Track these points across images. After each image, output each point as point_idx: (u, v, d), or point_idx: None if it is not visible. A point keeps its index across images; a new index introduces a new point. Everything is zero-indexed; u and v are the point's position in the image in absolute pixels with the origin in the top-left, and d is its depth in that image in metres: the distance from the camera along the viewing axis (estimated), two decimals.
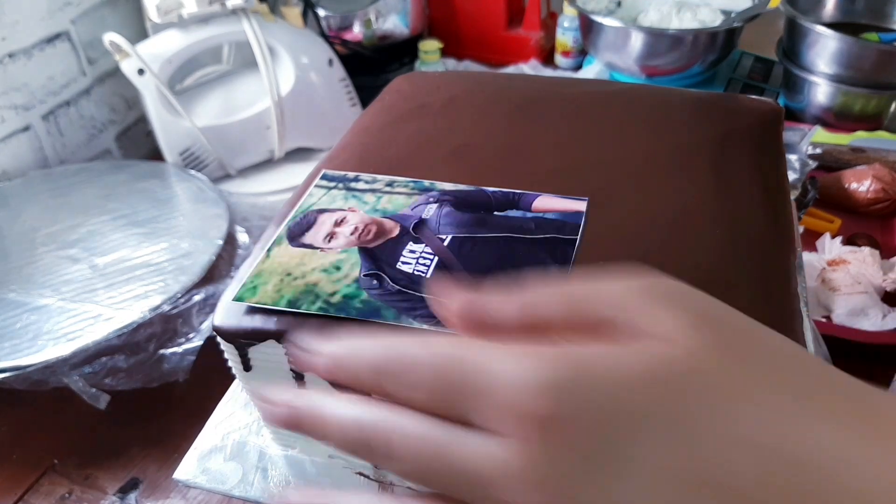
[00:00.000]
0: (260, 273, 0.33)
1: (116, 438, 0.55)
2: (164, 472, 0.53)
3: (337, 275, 0.33)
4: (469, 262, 0.33)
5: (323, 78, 0.83)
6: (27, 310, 0.57)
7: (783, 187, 0.38)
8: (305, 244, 0.35)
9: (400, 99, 0.48)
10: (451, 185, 0.38)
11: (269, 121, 0.80)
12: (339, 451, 0.25)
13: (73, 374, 0.53)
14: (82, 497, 0.51)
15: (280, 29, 0.81)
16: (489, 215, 0.36)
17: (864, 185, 0.74)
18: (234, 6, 0.77)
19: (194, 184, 0.74)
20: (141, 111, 0.91)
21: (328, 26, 0.97)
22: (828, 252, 0.67)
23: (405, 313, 0.31)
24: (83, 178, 0.76)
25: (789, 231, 0.35)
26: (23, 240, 0.66)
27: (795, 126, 0.85)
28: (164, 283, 0.59)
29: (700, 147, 0.40)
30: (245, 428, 0.40)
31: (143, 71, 0.75)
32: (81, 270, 0.61)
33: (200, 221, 0.67)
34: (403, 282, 0.32)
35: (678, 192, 0.37)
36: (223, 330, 0.32)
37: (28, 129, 0.79)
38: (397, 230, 0.35)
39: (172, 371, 0.55)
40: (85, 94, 0.85)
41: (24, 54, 0.77)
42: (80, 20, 0.83)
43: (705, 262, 0.32)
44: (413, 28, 1.01)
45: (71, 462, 0.54)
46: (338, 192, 0.39)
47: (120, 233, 0.66)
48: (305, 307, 0.31)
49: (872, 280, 0.62)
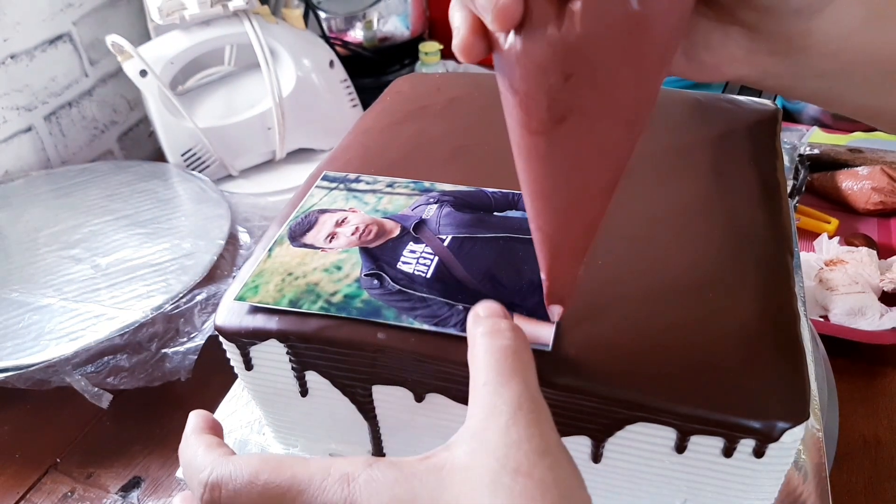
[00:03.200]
0: (261, 273, 0.34)
1: (118, 437, 0.56)
2: (166, 471, 0.53)
3: (338, 274, 0.33)
4: (469, 262, 0.33)
5: (324, 79, 0.83)
6: (30, 309, 0.58)
7: (780, 187, 0.38)
8: (307, 244, 0.35)
9: (401, 100, 0.48)
10: (452, 186, 0.39)
11: (270, 122, 0.81)
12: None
13: (76, 374, 0.53)
14: (84, 496, 0.51)
15: (281, 30, 0.81)
16: (489, 216, 0.36)
17: (862, 185, 0.74)
18: (235, 8, 0.78)
19: (196, 184, 0.74)
20: (143, 112, 0.91)
21: (329, 28, 0.97)
22: (825, 252, 0.67)
23: (405, 313, 0.31)
24: (85, 178, 0.76)
25: (787, 231, 0.35)
26: (25, 240, 0.66)
27: (793, 127, 0.85)
28: (166, 283, 0.59)
29: (697, 148, 0.40)
30: (247, 426, 0.40)
31: (145, 72, 0.75)
32: (84, 270, 0.62)
33: (202, 221, 0.67)
34: (404, 281, 0.33)
35: (676, 192, 0.37)
36: (225, 329, 0.32)
37: (30, 129, 0.79)
38: (398, 230, 0.36)
39: (174, 370, 0.55)
40: (87, 95, 0.86)
41: (26, 55, 0.77)
42: (82, 21, 0.83)
43: (703, 262, 0.33)
44: (414, 30, 1.01)
45: (73, 461, 0.54)
46: (339, 193, 0.39)
47: (122, 233, 0.66)
48: (307, 307, 0.31)
49: (870, 280, 0.62)
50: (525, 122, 0.22)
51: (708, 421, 0.27)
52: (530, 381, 0.24)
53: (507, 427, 0.22)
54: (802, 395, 0.27)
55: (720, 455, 0.28)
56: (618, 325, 0.30)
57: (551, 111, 0.21)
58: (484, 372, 0.24)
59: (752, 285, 0.31)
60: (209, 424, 0.29)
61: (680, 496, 0.32)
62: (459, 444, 0.23)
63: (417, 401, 0.32)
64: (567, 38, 0.19)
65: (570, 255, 0.26)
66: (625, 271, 0.32)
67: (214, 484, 0.24)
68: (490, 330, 0.25)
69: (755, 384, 0.27)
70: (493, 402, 0.23)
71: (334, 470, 0.23)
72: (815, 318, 0.61)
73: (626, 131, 0.22)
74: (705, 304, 0.30)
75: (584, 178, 0.23)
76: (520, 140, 0.23)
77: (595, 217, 0.25)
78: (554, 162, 0.23)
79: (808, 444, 0.35)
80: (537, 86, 0.21)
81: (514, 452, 0.21)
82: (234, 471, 0.24)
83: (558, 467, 0.21)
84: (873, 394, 0.56)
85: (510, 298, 0.31)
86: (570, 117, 0.21)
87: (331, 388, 0.33)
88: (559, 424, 0.30)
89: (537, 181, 0.24)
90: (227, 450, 0.26)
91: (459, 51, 0.22)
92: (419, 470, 0.22)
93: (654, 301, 0.31)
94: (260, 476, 0.24)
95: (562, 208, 0.24)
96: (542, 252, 0.26)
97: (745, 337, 0.29)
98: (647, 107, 0.21)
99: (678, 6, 0.19)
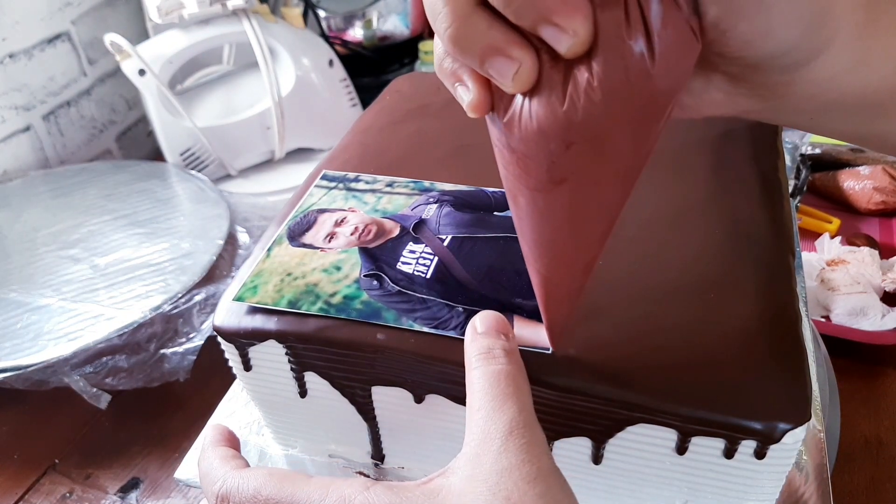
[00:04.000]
0: (260, 273, 0.34)
1: (117, 438, 0.55)
2: (164, 472, 0.53)
3: (337, 275, 0.33)
4: (469, 262, 0.33)
5: (323, 78, 0.83)
6: (28, 310, 0.58)
7: (782, 187, 0.38)
8: (306, 244, 0.35)
9: (400, 99, 0.48)
10: (451, 186, 0.38)
11: (269, 121, 0.80)
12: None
13: (74, 374, 0.53)
14: (83, 496, 0.51)
15: (281, 29, 0.81)
16: (489, 215, 0.36)
17: (864, 185, 0.74)
18: (234, 7, 0.77)
19: (195, 184, 0.74)
20: (141, 111, 0.91)
21: (329, 27, 0.97)
22: (827, 252, 0.67)
23: (405, 315, 0.31)
24: (84, 178, 0.76)
25: (788, 231, 0.35)
26: (24, 240, 0.66)
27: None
28: (164, 283, 0.59)
29: (698, 147, 0.40)
30: (246, 427, 0.40)
31: (143, 71, 0.75)
32: (82, 270, 0.62)
33: (201, 221, 0.67)
34: (403, 282, 0.32)
35: (676, 192, 0.37)
36: (224, 330, 0.32)
37: (29, 129, 0.79)
38: (397, 230, 0.36)
39: (173, 371, 0.55)
40: (85, 95, 0.86)
41: (24, 55, 0.77)
42: (81, 20, 0.83)
43: (704, 262, 0.33)
44: (413, 29, 1.01)
45: (72, 461, 0.54)
46: (338, 193, 0.39)
47: (121, 233, 0.66)
48: (306, 308, 0.31)
49: (871, 280, 0.62)
50: (522, 178, 0.22)
51: (709, 422, 0.27)
52: (524, 404, 0.24)
53: (498, 453, 0.22)
54: (804, 396, 0.27)
55: (721, 456, 0.28)
56: (618, 325, 0.30)
57: (551, 174, 0.21)
58: (479, 397, 0.24)
59: (754, 285, 0.31)
60: (225, 437, 0.30)
61: (681, 497, 0.31)
62: (456, 470, 0.23)
63: (417, 402, 0.32)
64: (574, 110, 0.19)
65: (567, 294, 0.27)
66: (625, 271, 0.32)
67: (224, 495, 0.26)
68: (485, 353, 0.26)
69: (756, 385, 0.27)
70: (486, 427, 0.23)
71: (332, 490, 0.24)
72: (816, 318, 0.61)
73: (624, 185, 0.22)
74: (706, 305, 0.30)
75: (581, 229, 0.23)
76: (516, 192, 0.23)
77: (591, 259, 0.25)
78: (551, 215, 0.23)
79: (810, 445, 0.35)
80: (538, 149, 0.20)
81: (505, 480, 0.22)
82: (241, 483, 0.26)
83: (548, 494, 0.22)
84: (875, 394, 0.56)
85: (510, 299, 0.31)
86: (569, 179, 0.21)
87: (330, 389, 0.33)
88: (560, 426, 0.30)
89: (534, 230, 0.24)
90: (240, 462, 0.28)
91: (475, 109, 0.21)
92: (415, 495, 0.23)
93: (654, 302, 0.31)
94: (262, 491, 0.25)
95: (559, 254, 0.24)
96: (540, 291, 0.27)
97: (746, 337, 0.29)
98: (644, 162, 0.21)
99: (686, 70, 0.19)
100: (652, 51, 0.18)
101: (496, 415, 0.23)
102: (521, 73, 0.19)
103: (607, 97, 0.18)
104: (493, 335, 0.26)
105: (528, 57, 0.19)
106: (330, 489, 0.24)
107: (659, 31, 0.18)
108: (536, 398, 0.26)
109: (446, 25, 0.19)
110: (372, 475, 0.37)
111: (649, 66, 0.18)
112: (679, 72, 0.19)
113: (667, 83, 0.19)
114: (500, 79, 0.19)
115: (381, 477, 0.37)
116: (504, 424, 0.23)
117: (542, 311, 0.28)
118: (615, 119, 0.19)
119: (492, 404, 0.24)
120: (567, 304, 0.27)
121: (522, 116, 0.20)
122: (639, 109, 0.19)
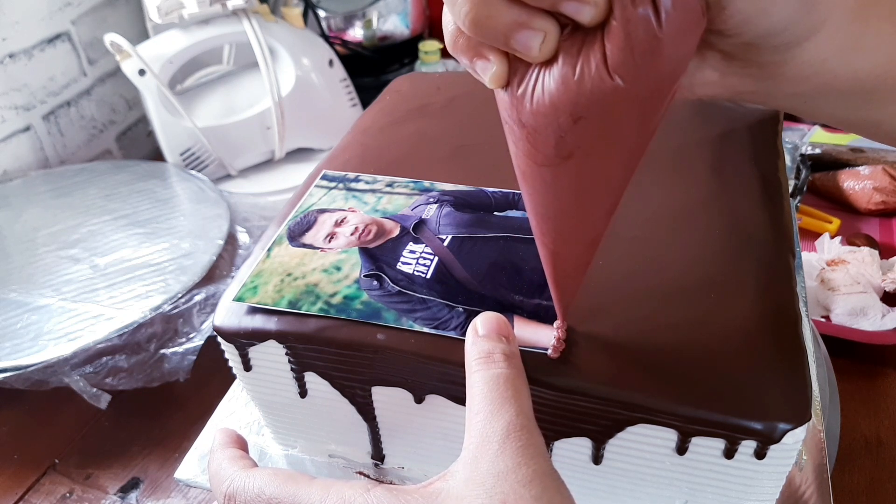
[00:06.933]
0: (260, 273, 0.34)
1: (117, 438, 0.55)
2: (164, 472, 0.53)
3: (337, 275, 0.33)
4: (469, 262, 0.33)
5: (323, 78, 0.83)
6: (28, 310, 0.58)
7: (782, 187, 0.38)
8: (306, 244, 0.35)
9: (400, 99, 0.48)
10: (451, 186, 0.38)
11: (269, 121, 0.80)
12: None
13: (74, 374, 0.53)
14: (83, 496, 0.51)
15: (281, 29, 0.81)
16: (489, 215, 0.36)
17: (864, 185, 0.74)
18: (234, 7, 0.77)
19: (195, 184, 0.74)
20: (141, 111, 0.91)
21: (329, 27, 0.97)
22: (827, 252, 0.67)
23: (405, 315, 0.31)
24: (84, 178, 0.76)
25: (788, 231, 0.35)
26: (24, 240, 0.66)
27: (794, 126, 0.85)
28: (164, 283, 0.59)
29: (698, 147, 0.40)
30: (246, 427, 0.40)
31: (143, 71, 0.75)
32: (82, 270, 0.62)
33: (201, 221, 0.67)
34: (403, 282, 0.32)
35: (677, 192, 0.37)
36: (223, 330, 0.32)
37: (28, 129, 0.79)
38: (397, 230, 0.36)
39: (173, 371, 0.55)
40: (85, 95, 0.86)
41: (24, 54, 0.77)
42: (81, 20, 0.83)
43: (704, 262, 0.33)
44: (413, 29, 1.01)
45: (72, 462, 0.54)
46: (338, 193, 0.39)
47: (121, 233, 0.66)
48: (306, 308, 0.31)
49: (871, 280, 0.62)
50: (531, 154, 0.23)
51: (709, 422, 0.27)
52: (522, 408, 0.24)
53: (495, 456, 0.23)
54: (804, 396, 0.27)
55: (721, 456, 0.28)
56: (619, 325, 0.30)
57: (558, 148, 0.22)
58: (478, 401, 0.25)
59: (754, 285, 0.31)
60: (234, 439, 0.31)
61: (681, 497, 0.31)
62: (455, 473, 0.23)
63: (417, 402, 0.32)
64: (584, 81, 0.20)
65: (575, 268, 0.27)
66: (626, 271, 0.32)
67: (231, 494, 0.26)
68: (485, 357, 0.26)
69: (756, 385, 0.27)
70: (484, 431, 0.23)
71: (333, 492, 0.24)
72: (816, 318, 0.61)
73: (629, 162, 0.23)
74: (706, 305, 0.30)
75: (587, 204, 0.24)
76: (525, 168, 0.24)
77: (598, 234, 0.26)
78: (558, 190, 0.23)
79: (810, 445, 0.35)
80: (546, 123, 0.21)
81: (502, 483, 0.22)
82: (247, 483, 0.26)
83: (545, 496, 0.22)
84: (875, 394, 0.56)
85: (511, 299, 0.31)
86: (576, 154, 0.22)
87: (330, 390, 0.33)
88: (560, 426, 0.30)
89: (542, 205, 0.24)
90: (248, 462, 0.29)
91: (496, 81, 0.22)
92: (415, 498, 0.23)
93: (654, 301, 0.31)
94: (266, 490, 0.26)
95: (566, 228, 0.25)
96: (548, 265, 0.27)
97: (746, 337, 0.29)
98: (649, 139, 0.22)
99: (692, 46, 0.20)
100: (660, 24, 0.19)
101: (494, 418, 0.24)
102: (548, 41, 0.20)
103: (616, 70, 0.19)
104: (494, 338, 0.27)
105: (552, 25, 0.20)
106: (331, 490, 0.24)
107: (669, 5, 0.18)
108: (536, 398, 0.26)
109: (466, 10, 0.20)
110: (372, 475, 0.37)
111: (659, 38, 0.19)
112: (686, 47, 0.20)
113: (674, 58, 0.19)
114: (526, 51, 0.20)
115: (381, 477, 0.37)
116: (502, 427, 0.23)
117: (551, 286, 0.28)
118: (622, 94, 0.20)
119: (490, 408, 0.24)
120: (574, 278, 0.28)
121: (535, 90, 0.21)
122: (645, 85, 0.20)
